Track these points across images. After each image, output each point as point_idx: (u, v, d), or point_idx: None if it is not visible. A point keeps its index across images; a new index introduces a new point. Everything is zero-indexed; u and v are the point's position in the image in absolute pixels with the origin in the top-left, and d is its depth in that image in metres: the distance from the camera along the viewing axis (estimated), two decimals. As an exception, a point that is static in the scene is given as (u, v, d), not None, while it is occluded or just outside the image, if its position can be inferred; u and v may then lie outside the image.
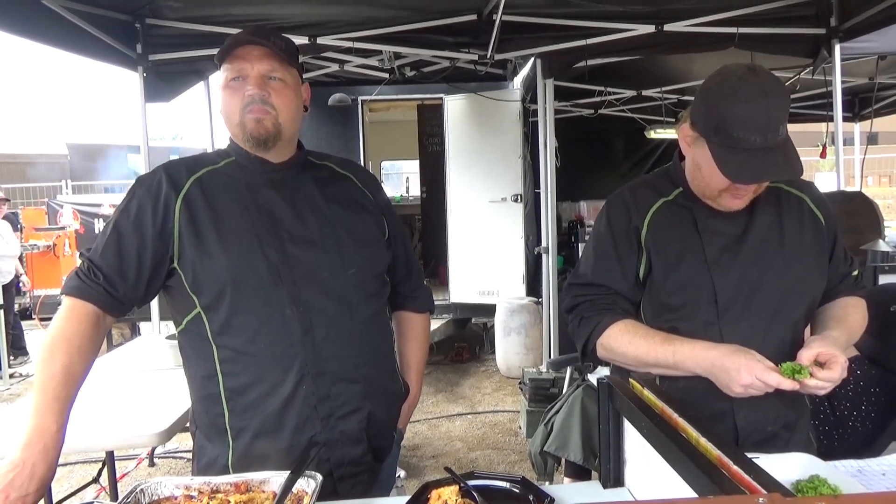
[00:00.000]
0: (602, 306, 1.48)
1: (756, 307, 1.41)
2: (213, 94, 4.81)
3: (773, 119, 1.27)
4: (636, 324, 1.45)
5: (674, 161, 1.52)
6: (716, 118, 1.31)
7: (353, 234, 1.41)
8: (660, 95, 6.10)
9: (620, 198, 1.53)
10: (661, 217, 1.47)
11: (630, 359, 1.43)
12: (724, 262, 1.42)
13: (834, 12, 3.73)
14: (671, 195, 1.49)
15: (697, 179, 1.42)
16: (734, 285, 1.41)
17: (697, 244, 1.43)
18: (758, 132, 1.27)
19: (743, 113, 1.27)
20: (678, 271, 1.43)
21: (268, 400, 1.32)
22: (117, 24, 3.73)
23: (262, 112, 1.33)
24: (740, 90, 1.28)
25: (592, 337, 1.47)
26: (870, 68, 4.82)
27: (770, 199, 1.46)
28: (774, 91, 1.28)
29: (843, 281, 1.52)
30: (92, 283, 1.29)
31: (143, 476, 3.77)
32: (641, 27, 3.90)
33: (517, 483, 1.23)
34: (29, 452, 1.17)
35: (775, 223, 1.45)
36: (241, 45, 1.34)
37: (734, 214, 1.43)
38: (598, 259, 1.51)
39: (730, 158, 1.30)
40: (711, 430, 0.99)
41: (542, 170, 4.52)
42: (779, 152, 1.29)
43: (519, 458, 3.92)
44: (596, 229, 1.56)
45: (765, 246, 1.43)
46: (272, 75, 1.35)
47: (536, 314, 5.31)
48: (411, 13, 3.87)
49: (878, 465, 1.29)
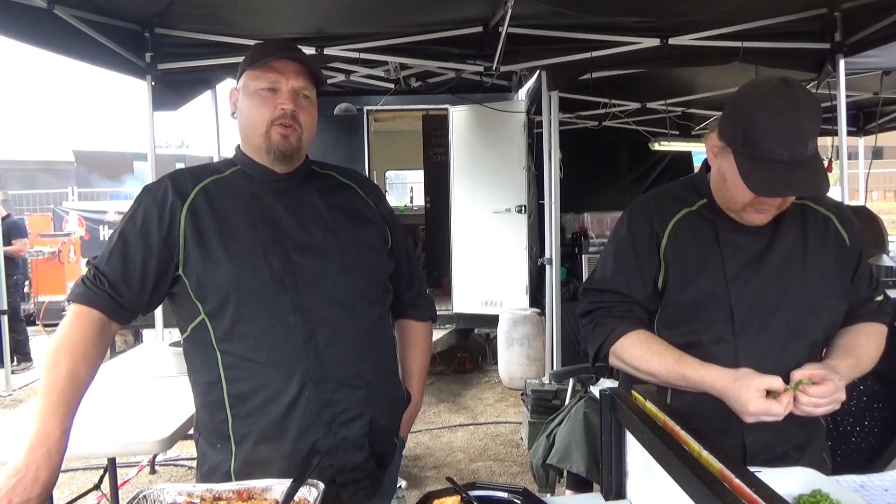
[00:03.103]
0: (617, 314, 1.46)
1: (773, 326, 1.38)
2: (220, 102, 4.84)
3: (803, 133, 1.25)
4: (650, 337, 1.43)
5: (700, 171, 1.50)
6: (743, 128, 1.28)
7: (355, 243, 1.42)
8: (664, 108, 6.11)
9: (643, 205, 1.51)
10: (682, 228, 1.44)
11: (641, 372, 1.41)
12: (743, 279, 1.39)
13: (838, 27, 3.75)
14: (695, 206, 1.46)
15: (722, 191, 1.40)
16: (752, 303, 1.38)
17: (717, 258, 1.40)
18: (785, 145, 1.24)
19: (771, 124, 1.24)
20: (695, 285, 1.41)
21: (271, 406, 1.33)
22: (127, 34, 3.77)
23: (290, 129, 1.36)
24: (771, 101, 1.25)
25: (605, 344, 1.45)
26: (874, 83, 4.83)
27: (795, 216, 1.42)
28: (806, 105, 1.25)
29: (864, 305, 1.48)
30: (97, 290, 1.30)
31: (143, 483, 3.77)
32: (646, 40, 3.92)
33: (519, 494, 1.23)
34: (32, 457, 1.18)
35: (799, 242, 1.42)
36: (277, 57, 1.36)
37: (757, 230, 1.40)
38: (616, 265, 1.48)
39: (755, 170, 1.27)
40: (717, 444, 0.99)
41: (546, 181, 4.53)
42: (806, 168, 1.26)
43: (521, 470, 3.90)
44: (616, 235, 1.53)
45: (787, 264, 1.40)
46: (304, 93, 1.38)
47: (539, 325, 5.30)
48: (418, 25, 3.90)
49: (881, 480, 1.28)
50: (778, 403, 1.23)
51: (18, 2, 2.99)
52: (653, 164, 7.25)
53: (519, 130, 5.74)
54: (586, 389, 2.87)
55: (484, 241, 5.90)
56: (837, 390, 1.26)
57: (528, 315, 5.47)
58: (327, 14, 3.73)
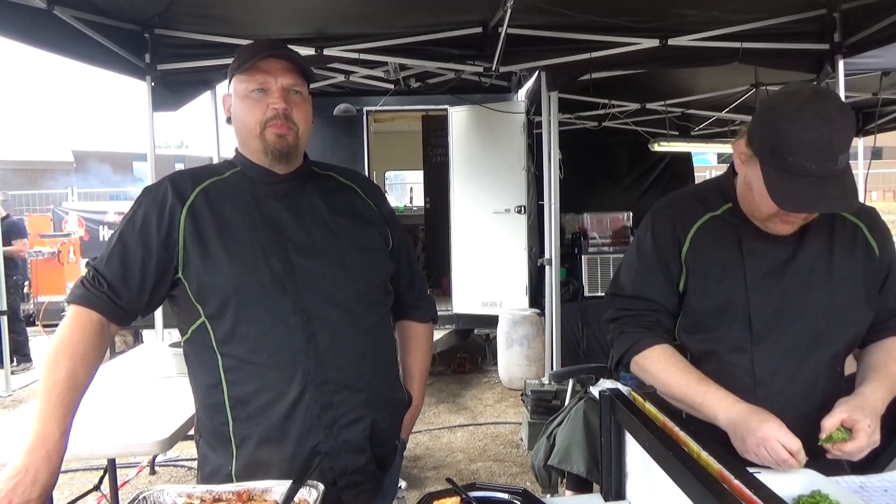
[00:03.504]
0: (645, 324, 1.46)
1: (793, 336, 1.36)
2: (219, 102, 4.83)
3: (834, 148, 1.21)
4: (676, 353, 1.42)
5: (726, 174, 1.47)
6: (772, 140, 1.25)
7: (356, 244, 1.42)
8: (664, 109, 6.11)
9: (667, 208, 1.49)
10: (705, 233, 1.42)
11: (660, 384, 1.40)
12: (764, 288, 1.37)
13: (838, 28, 3.74)
14: (719, 210, 1.44)
15: (748, 199, 1.37)
16: (772, 311, 1.36)
17: (739, 266, 1.38)
18: (814, 159, 1.20)
19: (801, 137, 1.21)
20: (715, 292, 1.39)
21: (271, 408, 1.33)
22: (127, 35, 3.77)
23: (285, 128, 1.35)
24: (803, 113, 1.21)
25: (630, 352, 1.45)
26: (874, 84, 4.82)
27: (823, 225, 1.39)
28: (839, 119, 1.21)
29: (893, 317, 1.43)
30: (96, 291, 1.30)
31: (143, 484, 3.77)
32: (646, 41, 3.92)
33: (518, 495, 1.23)
34: (32, 458, 1.17)
35: (824, 251, 1.39)
36: (264, 57, 1.35)
37: (783, 238, 1.37)
38: (640, 270, 1.47)
39: (781, 183, 1.24)
40: (717, 446, 0.99)
41: (546, 181, 4.53)
42: (834, 183, 1.22)
43: (520, 470, 3.90)
44: (639, 238, 1.51)
45: (811, 274, 1.37)
46: (294, 89, 1.37)
47: (539, 326, 5.30)
48: (417, 26, 3.91)
49: (881, 481, 1.29)
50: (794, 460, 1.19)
51: (18, 2, 2.99)
52: (652, 165, 7.24)
53: (518, 131, 5.74)
54: (586, 390, 2.88)
55: (484, 242, 5.90)
56: (870, 438, 1.23)
57: (528, 315, 5.47)
58: (327, 15, 3.73)
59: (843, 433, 1.24)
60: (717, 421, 1.30)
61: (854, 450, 1.22)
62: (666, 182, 7.18)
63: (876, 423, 1.24)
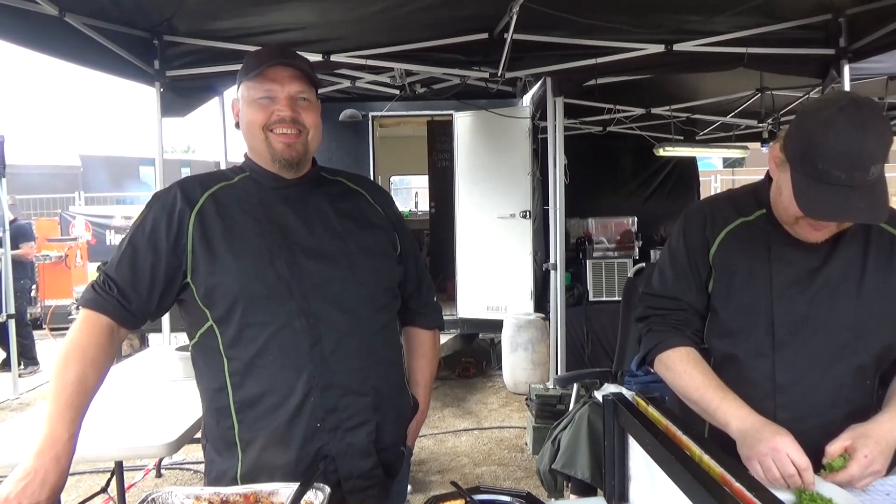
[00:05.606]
0: (672, 323, 1.47)
1: (816, 345, 1.35)
2: (227, 108, 4.87)
3: (865, 158, 1.19)
4: (698, 357, 1.42)
5: (763, 179, 1.46)
6: (804, 146, 1.24)
7: (364, 249, 1.43)
8: (669, 113, 6.12)
9: (699, 210, 1.50)
10: (734, 237, 1.42)
11: (678, 385, 1.42)
12: (790, 295, 1.36)
13: (843, 33, 3.73)
14: (752, 215, 1.43)
15: (778, 204, 1.36)
16: (797, 319, 1.35)
17: (765, 271, 1.38)
18: (844, 168, 1.19)
19: (832, 145, 1.19)
20: (739, 296, 1.40)
21: (276, 412, 1.34)
22: (136, 41, 3.80)
23: (293, 136, 1.37)
24: (837, 122, 1.19)
25: (655, 350, 1.47)
26: (879, 88, 4.82)
27: (858, 234, 1.37)
28: (874, 129, 1.19)
29: None
30: (106, 295, 1.32)
31: (149, 487, 3.78)
32: (651, 47, 3.93)
33: (522, 498, 1.24)
34: (41, 460, 1.19)
35: (857, 261, 1.36)
36: (270, 65, 1.37)
37: (814, 246, 1.35)
38: (670, 270, 1.49)
39: (808, 190, 1.22)
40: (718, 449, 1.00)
41: (551, 186, 4.54)
42: (863, 193, 1.20)
43: (525, 475, 3.90)
44: (671, 239, 1.53)
45: (840, 284, 1.35)
46: (302, 96, 1.39)
47: (544, 330, 5.30)
48: (424, 32, 3.92)
49: (883, 485, 1.28)
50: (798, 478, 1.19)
51: (30, 10, 3.02)
52: (657, 170, 7.24)
53: (524, 136, 5.75)
54: (590, 395, 2.88)
55: (488, 247, 5.90)
56: (865, 469, 1.21)
57: (533, 320, 5.47)
58: (334, 20, 3.75)
59: (845, 461, 1.23)
60: (729, 428, 1.30)
61: (844, 479, 1.21)
62: (671, 187, 7.18)
63: (879, 453, 1.22)
